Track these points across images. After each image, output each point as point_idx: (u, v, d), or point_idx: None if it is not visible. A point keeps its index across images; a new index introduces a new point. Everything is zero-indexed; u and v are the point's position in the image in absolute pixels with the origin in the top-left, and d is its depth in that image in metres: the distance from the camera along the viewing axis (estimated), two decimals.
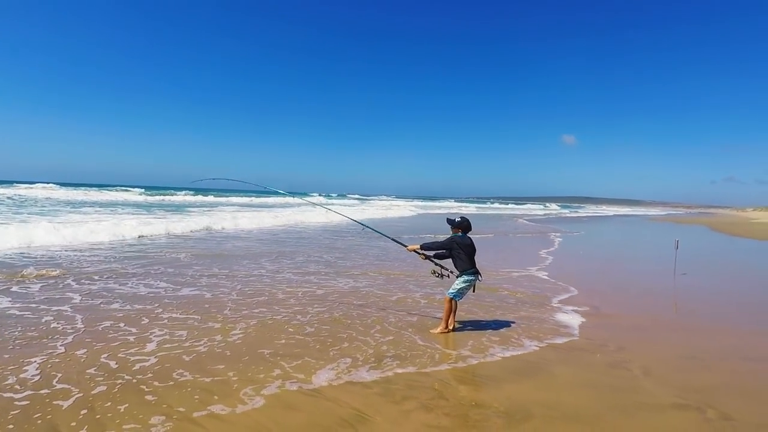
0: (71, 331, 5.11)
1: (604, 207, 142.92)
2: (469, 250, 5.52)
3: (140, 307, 6.17)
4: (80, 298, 6.50)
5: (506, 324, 5.88)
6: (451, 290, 5.47)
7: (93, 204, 30.12)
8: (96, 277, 7.85)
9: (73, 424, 3.19)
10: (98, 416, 3.30)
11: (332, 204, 51.01)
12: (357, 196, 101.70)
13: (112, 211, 24.32)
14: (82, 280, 7.58)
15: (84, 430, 3.12)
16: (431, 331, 5.48)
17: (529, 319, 6.17)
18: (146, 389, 3.72)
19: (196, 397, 3.62)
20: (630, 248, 18.09)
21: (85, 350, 4.54)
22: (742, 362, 4.81)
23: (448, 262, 5.64)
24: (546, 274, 9.73)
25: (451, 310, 5.49)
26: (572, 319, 6.23)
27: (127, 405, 3.45)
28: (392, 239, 6.52)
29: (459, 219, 5.68)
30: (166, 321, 5.59)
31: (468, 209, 59.26)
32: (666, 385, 4.08)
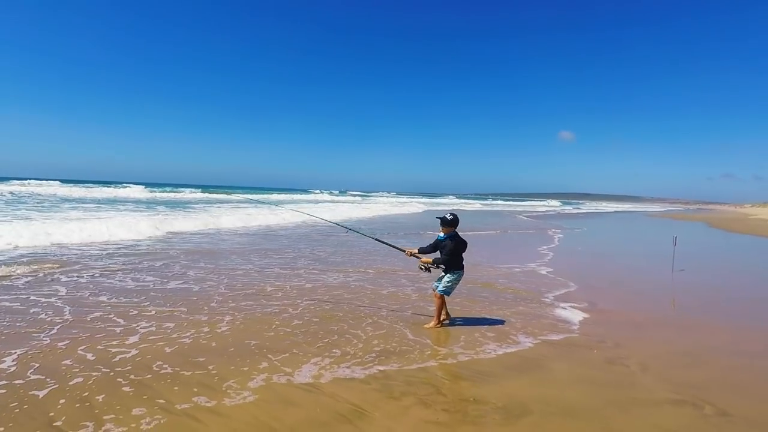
0: (60, 321, 5.06)
1: (603, 203, 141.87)
2: (464, 249, 5.45)
3: (127, 300, 6.11)
4: (69, 291, 6.44)
5: (503, 320, 5.79)
6: (441, 287, 5.39)
7: (92, 200, 30.02)
8: (87, 272, 7.79)
9: (52, 414, 3.12)
10: (77, 405, 3.25)
11: (335, 201, 50.92)
12: (358, 192, 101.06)
13: (112, 206, 24.29)
14: (73, 275, 7.50)
15: (62, 420, 3.05)
16: (424, 326, 5.39)
17: (527, 314, 6.09)
18: (123, 381, 3.66)
19: (195, 389, 3.56)
20: (629, 245, 18.01)
21: (68, 341, 4.47)
22: (739, 358, 4.74)
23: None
24: (545, 269, 9.64)
25: (442, 305, 5.42)
26: (570, 314, 6.16)
27: (105, 395, 3.39)
28: (394, 246, 6.21)
29: (451, 217, 5.46)
30: (153, 313, 5.52)
31: (472, 206, 59.15)
32: (663, 381, 4.01)
